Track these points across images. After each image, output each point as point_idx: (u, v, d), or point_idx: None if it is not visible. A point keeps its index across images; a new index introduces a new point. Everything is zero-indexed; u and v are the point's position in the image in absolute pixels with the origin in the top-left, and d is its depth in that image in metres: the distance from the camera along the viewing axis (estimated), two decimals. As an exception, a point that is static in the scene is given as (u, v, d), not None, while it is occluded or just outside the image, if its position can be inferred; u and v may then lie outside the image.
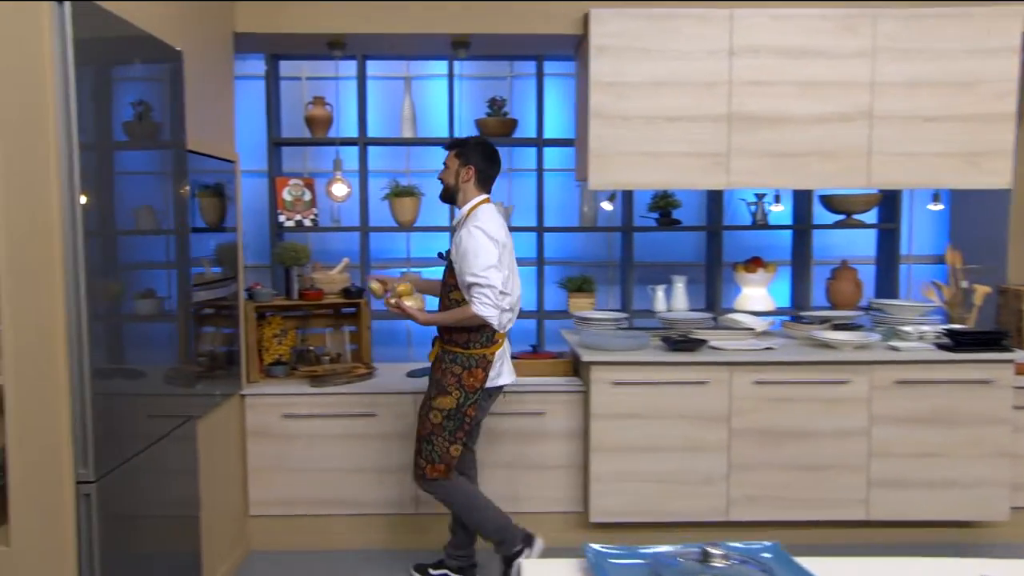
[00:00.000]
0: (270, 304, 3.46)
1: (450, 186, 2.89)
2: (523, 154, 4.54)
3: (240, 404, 3.32)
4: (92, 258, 2.06)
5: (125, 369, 2.27)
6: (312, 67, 4.50)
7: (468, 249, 2.70)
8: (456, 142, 2.94)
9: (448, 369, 2.80)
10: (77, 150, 2.00)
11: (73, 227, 2.01)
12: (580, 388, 3.35)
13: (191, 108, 2.71)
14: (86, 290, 2.03)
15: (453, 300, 2.80)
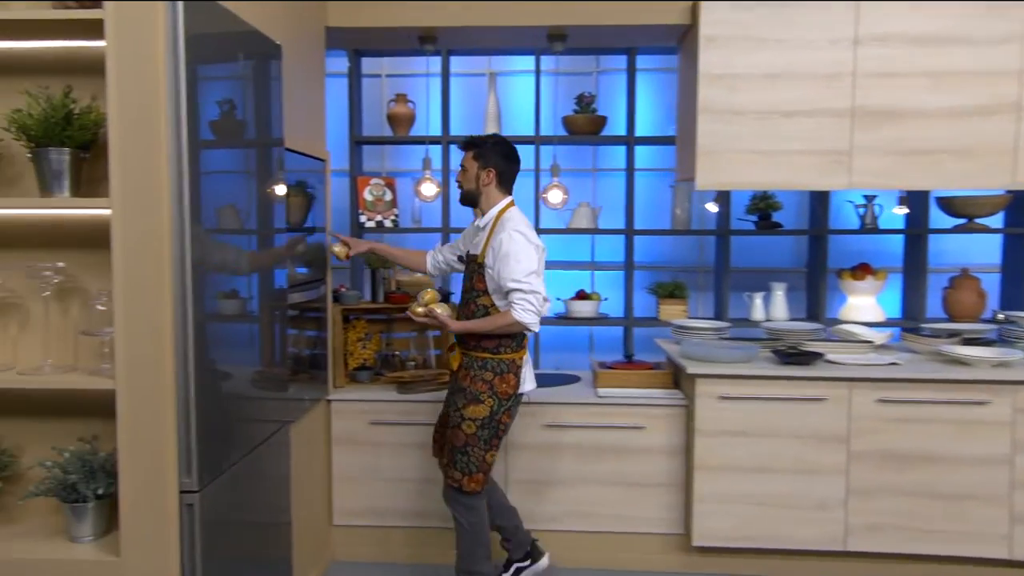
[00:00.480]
0: (355, 307, 3.33)
1: (471, 191, 2.73)
2: (608, 153, 4.35)
3: (326, 410, 3.20)
4: (197, 261, 1.96)
5: (225, 374, 2.16)
6: (392, 64, 4.38)
7: (509, 254, 2.55)
8: (472, 142, 2.75)
9: (478, 376, 2.64)
10: (187, 149, 1.90)
11: (181, 229, 1.91)
12: (682, 402, 3.13)
13: (285, 104, 2.60)
14: (192, 294, 1.92)
15: (481, 306, 2.65)
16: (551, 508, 3.17)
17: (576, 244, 4.34)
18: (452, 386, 2.76)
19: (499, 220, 2.65)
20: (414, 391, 3.23)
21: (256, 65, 2.36)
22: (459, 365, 2.71)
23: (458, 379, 2.69)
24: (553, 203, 3.56)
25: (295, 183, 2.86)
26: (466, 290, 2.72)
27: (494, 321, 2.59)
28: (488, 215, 2.69)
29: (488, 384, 2.64)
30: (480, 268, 2.64)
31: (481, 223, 2.70)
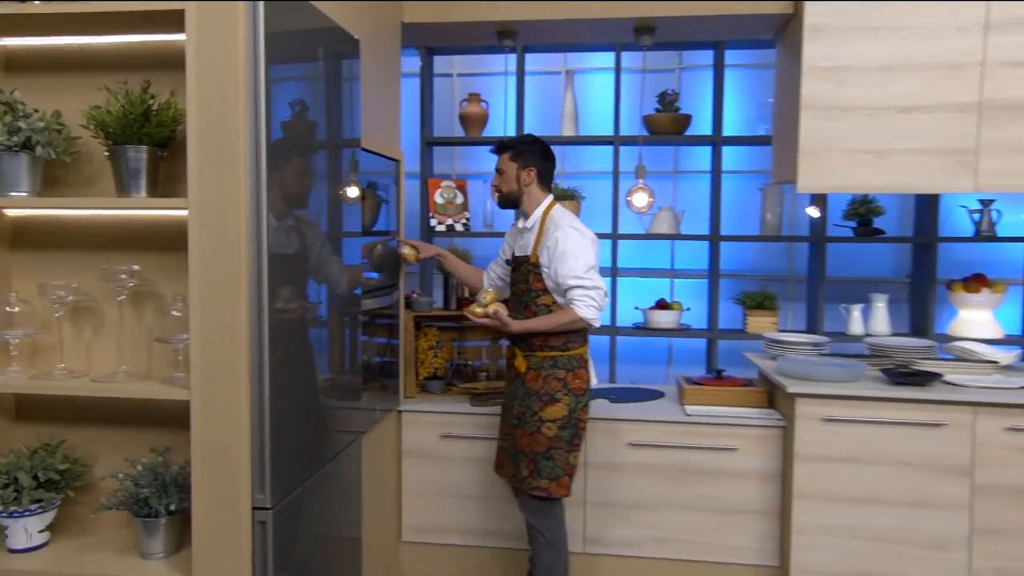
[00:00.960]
0: (427, 314, 3.19)
1: (511, 193, 2.66)
2: (691, 155, 4.11)
3: (397, 421, 3.07)
4: (273, 268, 1.83)
5: (300, 384, 2.03)
6: (463, 63, 4.25)
7: (567, 251, 2.49)
8: (508, 143, 2.68)
9: (550, 375, 2.55)
10: (265, 149, 1.78)
11: (258, 232, 1.78)
12: (780, 423, 2.88)
13: (362, 102, 2.47)
14: (268, 300, 1.80)
15: (542, 306, 2.57)
16: (632, 533, 2.96)
17: (654, 251, 4.12)
18: (515, 392, 2.61)
19: (546, 219, 2.59)
20: (488, 404, 3.06)
21: (335, 61, 2.24)
22: (526, 367, 2.58)
23: (526, 382, 2.57)
24: (638, 207, 3.36)
25: (368, 184, 2.74)
26: (521, 292, 2.62)
27: (556, 319, 2.52)
28: (534, 215, 2.63)
29: (562, 382, 2.55)
30: (535, 268, 2.57)
31: (527, 224, 2.63)
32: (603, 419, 2.95)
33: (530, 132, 2.74)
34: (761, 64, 3.98)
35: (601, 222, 3.90)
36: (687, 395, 3.05)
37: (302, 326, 2.05)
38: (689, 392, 3.06)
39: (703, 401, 3.04)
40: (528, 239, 2.61)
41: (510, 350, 2.67)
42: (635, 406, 3.06)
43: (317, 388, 2.16)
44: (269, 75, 1.78)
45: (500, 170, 2.66)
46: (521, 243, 2.66)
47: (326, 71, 2.18)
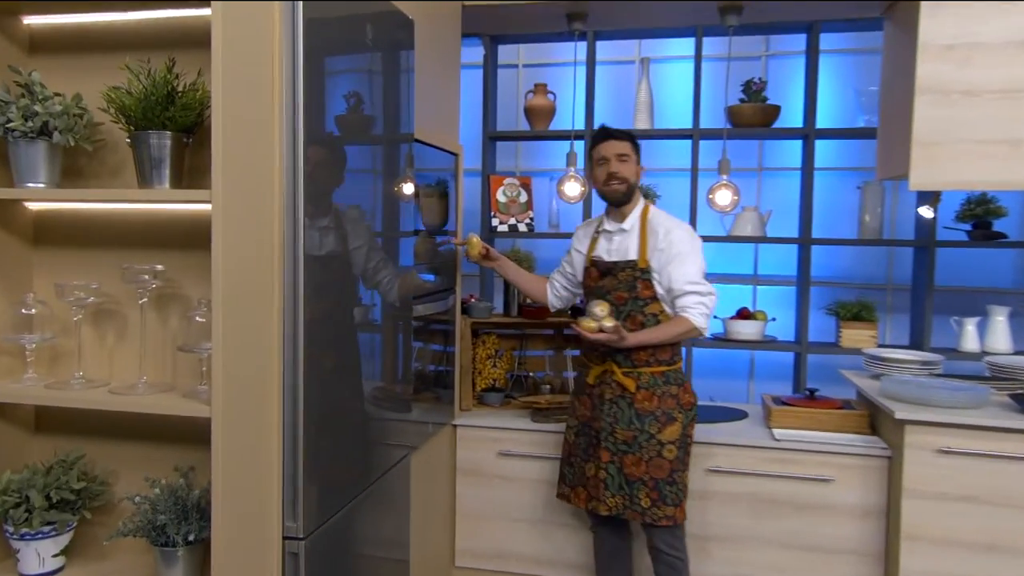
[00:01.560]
0: (486, 321, 2.95)
1: (633, 186, 2.39)
2: (777, 149, 3.74)
3: (452, 436, 2.83)
4: (311, 273, 1.62)
5: (341, 400, 1.81)
6: (529, 53, 4.00)
7: (684, 254, 2.31)
8: (629, 132, 2.44)
9: (665, 392, 2.34)
10: (303, 137, 1.57)
11: (294, 230, 1.58)
12: (884, 452, 2.51)
13: (417, 90, 2.25)
14: (304, 307, 1.59)
15: (650, 315, 2.34)
16: (712, 569, 2.64)
17: (736, 254, 3.77)
18: (618, 414, 2.34)
19: (647, 219, 2.38)
20: (551, 420, 2.80)
21: (385, 44, 2.02)
22: (637, 385, 2.33)
23: (636, 403, 2.31)
24: (721, 205, 3.03)
25: (436, 181, 2.53)
26: (622, 301, 2.35)
27: (671, 329, 2.31)
28: (633, 215, 2.40)
29: (675, 399, 2.35)
30: (644, 274, 2.34)
31: (624, 225, 2.40)
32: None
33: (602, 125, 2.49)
34: (859, 49, 3.59)
35: (677, 223, 3.58)
36: (775, 417, 2.71)
37: (345, 334, 1.84)
38: (777, 414, 2.72)
39: (793, 424, 2.69)
40: (627, 242, 2.38)
41: (599, 367, 2.38)
42: (715, 428, 2.74)
43: (362, 402, 1.94)
44: (310, 56, 1.58)
45: (625, 156, 2.36)
46: (615, 247, 2.40)
47: (375, 55, 1.97)
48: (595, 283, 2.42)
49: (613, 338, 2.24)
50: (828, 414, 2.68)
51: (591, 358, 2.44)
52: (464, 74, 3.97)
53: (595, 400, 2.41)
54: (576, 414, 2.48)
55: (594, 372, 2.41)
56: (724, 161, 3.08)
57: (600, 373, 2.39)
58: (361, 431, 1.94)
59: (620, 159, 2.35)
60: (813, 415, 2.68)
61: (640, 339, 2.29)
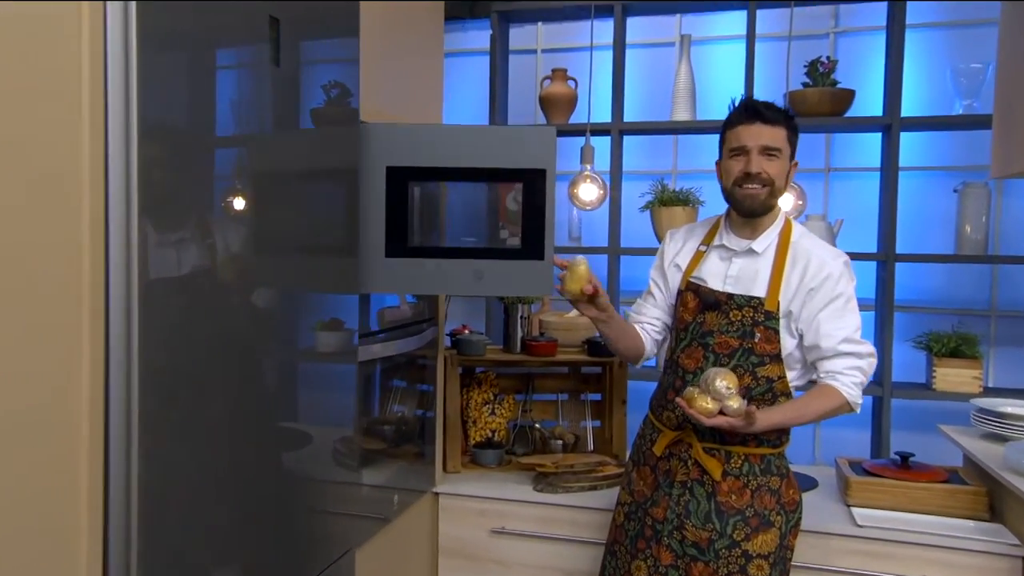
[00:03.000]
0: (481, 359, 2.34)
1: (776, 191, 1.70)
2: (850, 145, 3.07)
3: (432, 506, 2.23)
4: (156, 296, 1.05)
5: (214, 478, 1.22)
6: (549, 35, 3.40)
7: (841, 297, 1.68)
8: (787, 113, 1.72)
9: (763, 486, 1.70)
10: (136, 139, 1.01)
11: (126, 252, 1.02)
12: (1014, 549, 1.83)
13: (371, 68, 1.68)
14: (139, 353, 1.02)
15: (764, 379, 1.69)
16: None
17: (798, 273, 3.09)
18: (690, 505, 1.70)
19: (790, 241, 1.72)
20: (558, 488, 2.17)
21: (303, 32, 1.44)
22: (722, 472, 1.69)
23: (719, 495, 1.68)
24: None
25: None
26: (727, 350, 1.70)
27: (816, 405, 1.69)
28: (770, 233, 1.74)
29: (775, 495, 1.71)
30: (770, 320, 1.69)
31: (756, 245, 1.73)
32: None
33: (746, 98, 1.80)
34: (954, 22, 2.90)
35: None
36: (855, 490, 2.05)
37: (230, 382, 1.26)
38: (858, 486, 2.05)
39: (881, 502, 2.02)
40: (755, 270, 1.72)
41: (672, 433, 1.75)
42: (775, 504, 2.07)
43: (257, 482, 1.35)
44: (150, 48, 1.02)
45: (774, 151, 1.67)
46: (735, 273, 1.73)
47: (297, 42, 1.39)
48: (691, 317, 1.75)
49: (738, 424, 1.58)
50: (929, 490, 2.00)
51: (661, 417, 1.79)
52: (470, 62, 3.44)
53: (660, 478, 1.76)
54: (632, 489, 1.83)
55: (664, 440, 1.76)
56: (786, 155, 2.41)
57: (672, 443, 1.75)
58: (257, 527, 1.35)
59: (767, 154, 1.67)
60: (909, 491, 2.00)
61: (775, 421, 1.65)
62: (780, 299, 1.67)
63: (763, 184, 1.67)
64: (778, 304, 1.67)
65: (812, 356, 1.69)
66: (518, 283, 1.67)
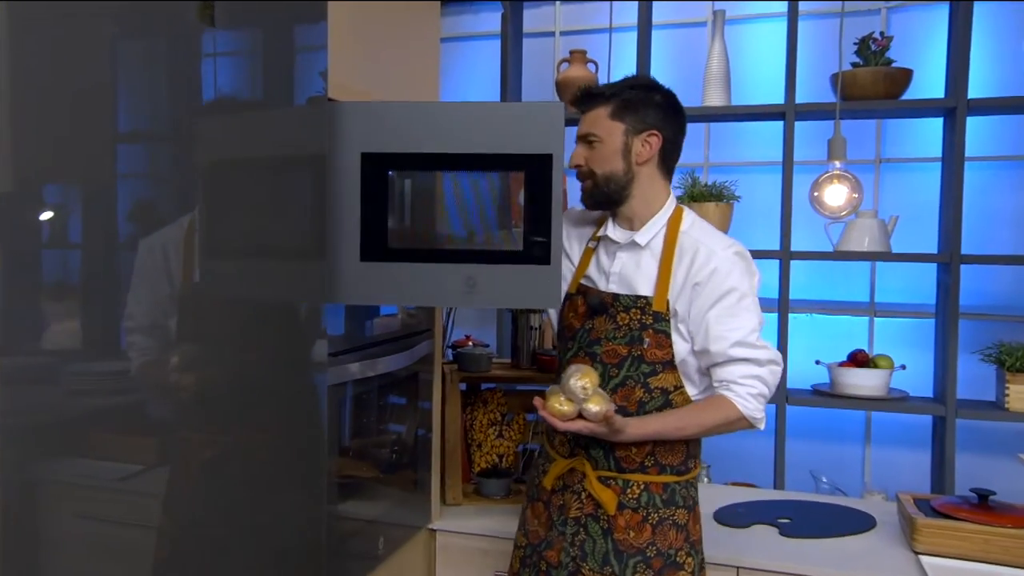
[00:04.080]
0: (485, 375, 2.07)
1: (611, 178, 1.51)
2: (904, 132, 2.74)
3: (428, 545, 1.96)
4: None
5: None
6: (567, 16, 3.12)
7: (734, 293, 1.45)
8: (604, 90, 1.54)
9: (666, 520, 1.47)
10: None
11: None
12: None
13: (341, 37, 1.42)
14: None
15: (658, 391, 1.48)
16: None
17: (847, 277, 2.77)
18: (585, 545, 1.48)
19: (679, 234, 1.51)
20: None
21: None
22: (617, 505, 1.46)
23: (616, 532, 1.46)
24: (832, 207, 2.07)
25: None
26: (615, 361, 1.49)
27: (701, 418, 1.46)
28: (653, 224, 1.52)
29: (682, 532, 1.48)
30: (659, 322, 1.47)
31: (639, 237, 1.52)
32: (774, 572, 1.68)
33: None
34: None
35: (763, 233, 2.63)
36: (922, 533, 1.74)
37: (158, 414, 1.00)
38: (926, 529, 1.74)
39: (955, 550, 1.71)
40: (639, 266, 1.51)
41: (564, 461, 1.53)
42: (825, 545, 1.77)
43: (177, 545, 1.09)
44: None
45: (590, 137, 1.51)
46: (618, 270, 1.52)
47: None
48: (579, 323, 1.55)
49: (599, 430, 1.39)
50: (1015, 537, 1.67)
51: (553, 442, 1.57)
52: (481, 46, 3.17)
53: (554, 514, 1.53)
54: (527, 529, 1.60)
55: (555, 469, 1.54)
56: (837, 141, 2.11)
57: (564, 473, 1.52)
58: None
59: (583, 142, 1.53)
60: (991, 538, 1.68)
61: (650, 430, 1.44)
62: (668, 297, 1.47)
63: (584, 177, 1.53)
64: (667, 303, 1.47)
65: (704, 362, 1.48)
66: (519, 293, 1.39)
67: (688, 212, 1.55)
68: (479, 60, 3.12)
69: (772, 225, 2.57)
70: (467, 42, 3.16)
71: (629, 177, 1.50)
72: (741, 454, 2.64)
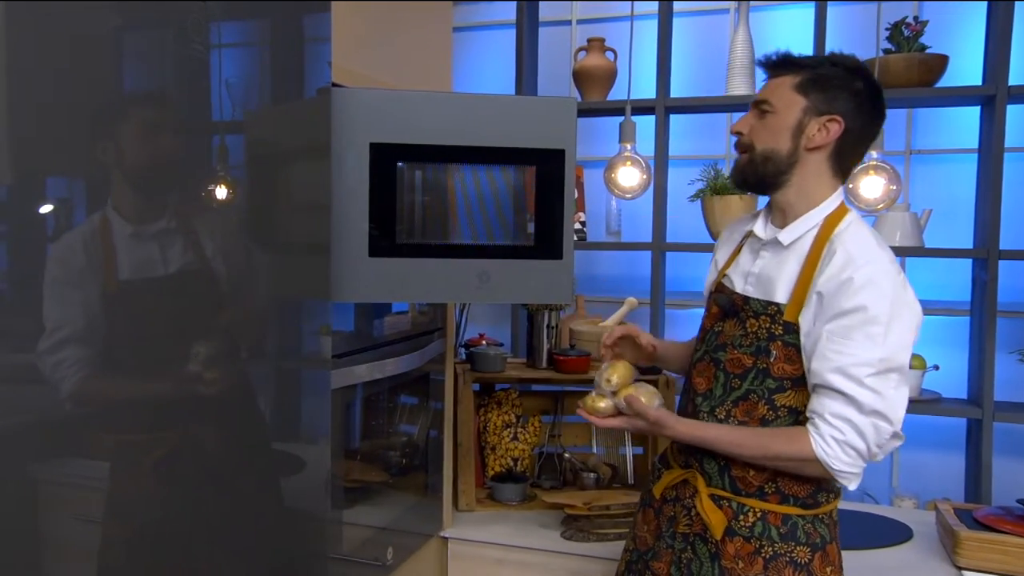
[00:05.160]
0: (499, 376, 1.99)
1: (771, 156, 1.31)
2: (936, 122, 2.62)
3: (440, 554, 1.88)
4: None
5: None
6: (585, 5, 3.02)
7: (857, 311, 1.20)
8: (801, 59, 1.35)
9: (784, 556, 1.28)
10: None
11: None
12: None
13: (346, 20, 1.34)
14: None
15: (782, 410, 1.29)
16: None
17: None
18: (686, 560, 1.34)
19: (832, 235, 1.29)
20: (590, 536, 1.80)
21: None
22: (725, 528, 1.30)
23: (724, 559, 1.30)
24: (868, 200, 1.96)
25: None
26: (737, 370, 1.32)
27: (773, 443, 1.26)
28: (803, 221, 1.32)
29: (803, 571, 1.28)
30: (789, 333, 1.28)
31: (783, 236, 1.33)
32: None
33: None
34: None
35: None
36: (964, 547, 1.64)
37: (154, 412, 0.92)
38: (969, 542, 1.64)
39: (1001, 565, 1.61)
40: (778, 266, 1.33)
41: (677, 472, 1.40)
42: (861, 558, 1.68)
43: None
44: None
45: (764, 105, 1.33)
46: (758, 270, 1.36)
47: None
48: (710, 324, 1.41)
49: (639, 424, 1.32)
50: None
51: (673, 451, 1.44)
52: (496, 35, 3.08)
53: (663, 524, 1.41)
54: (635, 534, 1.48)
55: (666, 478, 1.41)
56: (873, 130, 1.99)
57: (674, 482, 1.39)
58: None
59: (757, 109, 1.34)
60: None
61: (701, 434, 1.30)
62: (803, 307, 1.27)
63: (742, 149, 1.35)
64: (798, 313, 1.27)
65: (810, 385, 1.27)
66: (530, 287, 1.31)
67: (852, 215, 1.33)
68: (494, 50, 3.03)
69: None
70: (482, 31, 3.08)
71: (792, 161, 1.30)
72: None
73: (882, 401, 1.20)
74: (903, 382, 1.22)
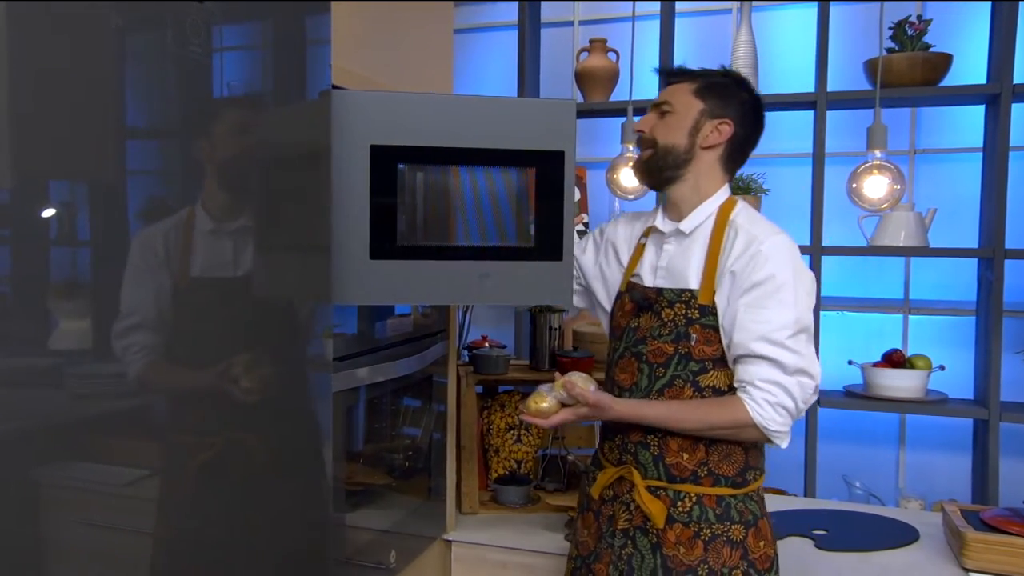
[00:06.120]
0: (502, 377, 1.98)
1: (670, 151, 1.41)
2: (941, 121, 2.61)
3: (443, 557, 1.87)
4: None
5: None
6: (587, 6, 3.01)
7: (767, 281, 1.31)
8: (695, 70, 1.46)
9: (722, 536, 1.34)
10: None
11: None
12: None
13: (345, 20, 1.34)
14: None
15: (708, 391, 1.36)
16: None
17: (881, 273, 2.65)
18: (632, 561, 1.37)
19: (727, 224, 1.39)
20: (597, 537, 1.79)
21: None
22: (666, 518, 1.34)
23: (665, 548, 1.33)
24: (872, 200, 1.95)
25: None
26: (660, 359, 1.37)
27: (710, 414, 1.33)
28: (699, 212, 1.41)
29: (739, 549, 1.33)
30: (706, 315, 1.35)
31: (684, 225, 1.42)
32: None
33: None
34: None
35: (793, 228, 2.47)
36: (972, 549, 1.62)
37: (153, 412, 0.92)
38: (976, 544, 1.62)
39: (1009, 567, 1.59)
40: (685, 256, 1.41)
41: (612, 469, 1.43)
42: (867, 560, 1.67)
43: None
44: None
45: (664, 106, 1.42)
46: (664, 263, 1.43)
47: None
48: (626, 322, 1.45)
49: (583, 412, 1.37)
50: (1074, 554, 1.56)
51: (605, 451, 1.48)
52: (498, 37, 3.07)
53: (602, 524, 1.44)
54: (578, 540, 1.51)
55: (603, 478, 1.44)
56: (877, 129, 1.98)
57: (612, 481, 1.43)
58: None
59: (656, 109, 1.44)
60: (1046, 554, 1.57)
61: (641, 413, 1.35)
62: (716, 289, 1.35)
63: (645, 145, 1.43)
64: (713, 295, 1.35)
65: (729, 358, 1.35)
66: (530, 289, 1.31)
67: (741, 202, 1.43)
68: (497, 51, 3.03)
69: (802, 219, 2.46)
70: (484, 33, 3.07)
71: (688, 156, 1.39)
72: (769, 457, 2.53)
73: (802, 359, 1.29)
74: (811, 340, 1.33)
